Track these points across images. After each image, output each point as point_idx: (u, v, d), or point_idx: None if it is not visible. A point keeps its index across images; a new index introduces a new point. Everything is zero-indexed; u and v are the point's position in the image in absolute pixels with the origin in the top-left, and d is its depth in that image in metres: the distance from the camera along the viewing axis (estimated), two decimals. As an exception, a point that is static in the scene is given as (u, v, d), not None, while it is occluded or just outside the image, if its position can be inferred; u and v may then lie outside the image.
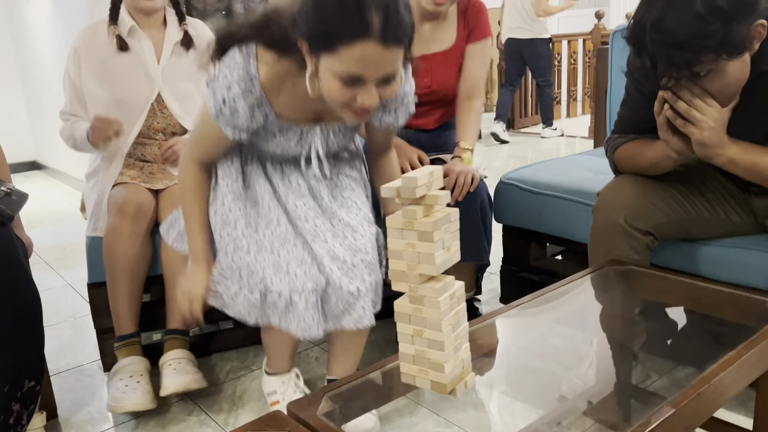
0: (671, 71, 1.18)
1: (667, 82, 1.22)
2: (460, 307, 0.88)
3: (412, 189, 0.79)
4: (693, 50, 1.13)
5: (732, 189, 1.47)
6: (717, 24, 1.10)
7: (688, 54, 1.14)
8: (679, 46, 1.13)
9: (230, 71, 1.25)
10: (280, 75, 1.27)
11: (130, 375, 1.63)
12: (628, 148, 1.49)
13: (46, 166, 5.30)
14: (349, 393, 1.01)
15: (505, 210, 2.01)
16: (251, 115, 1.29)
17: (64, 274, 2.79)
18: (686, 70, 1.17)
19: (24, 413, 1.32)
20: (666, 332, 1.30)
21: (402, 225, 0.82)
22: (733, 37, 1.12)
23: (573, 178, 1.91)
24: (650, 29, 1.15)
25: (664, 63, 1.16)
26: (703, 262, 1.48)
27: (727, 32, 1.11)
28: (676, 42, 1.13)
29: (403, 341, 0.88)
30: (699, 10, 1.10)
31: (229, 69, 1.26)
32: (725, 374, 0.97)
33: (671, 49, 1.14)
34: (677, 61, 1.15)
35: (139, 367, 1.65)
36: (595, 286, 1.40)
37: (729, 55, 1.15)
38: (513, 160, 4.80)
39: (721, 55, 1.14)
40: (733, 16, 1.11)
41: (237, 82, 1.25)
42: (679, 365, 1.15)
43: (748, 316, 1.24)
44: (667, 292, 1.35)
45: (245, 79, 1.25)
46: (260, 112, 1.30)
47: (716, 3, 1.10)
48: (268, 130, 1.36)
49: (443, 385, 0.86)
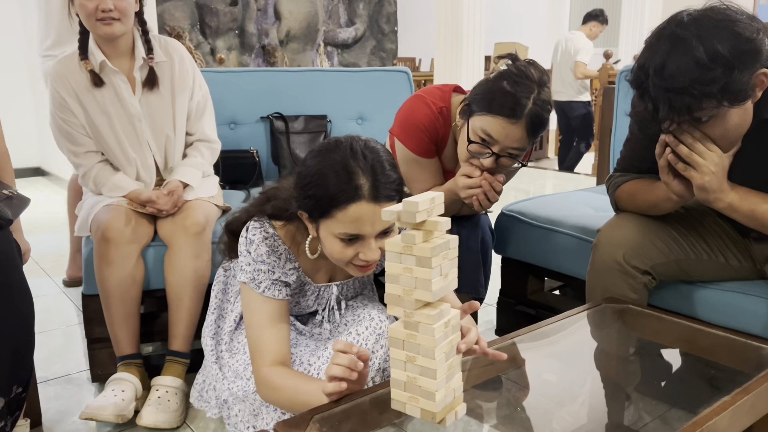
0: (673, 116, 1.19)
1: (669, 126, 1.23)
2: (455, 335, 0.88)
3: (413, 214, 0.79)
4: (694, 96, 1.14)
5: (732, 233, 1.47)
6: (718, 71, 1.12)
7: (690, 100, 1.15)
8: (681, 91, 1.14)
9: (250, 237, 1.28)
10: (291, 235, 1.31)
11: (113, 389, 1.62)
12: (629, 187, 1.49)
13: (50, 173, 5.32)
14: (338, 417, 0.99)
15: (505, 242, 2.01)
16: (285, 269, 1.29)
17: (59, 282, 2.78)
18: (687, 116, 1.18)
19: (9, 419, 1.31)
20: (660, 373, 1.29)
21: (401, 249, 0.82)
22: (735, 84, 1.13)
23: (574, 214, 1.91)
24: (653, 74, 1.17)
25: (666, 108, 1.17)
26: (700, 305, 1.48)
27: (728, 80, 1.12)
28: (678, 88, 1.14)
29: (395, 367, 0.87)
30: (701, 57, 1.12)
31: (250, 236, 1.28)
32: (718, 419, 0.96)
33: (673, 95, 1.15)
34: (679, 107, 1.16)
35: (128, 385, 1.64)
36: (592, 323, 1.39)
37: (730, 103, 1.16)
38: (515, 193, 4.81)
39: (723, 102, 1.15)
40: (735, 65, 1.12)
41: (260, 241, 1.27)
42: (672, 408, 1.14)
43: (744, 362, 1.23)
44: (663, 333, 1.35)
45: (267, 238, 1.28)
46: (291, 267, 1.31)
47: (718, 50, 1.11)
48: (296, 289, 1.37)
49: (433, 414, 0.86)
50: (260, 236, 1.27)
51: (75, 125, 1.81)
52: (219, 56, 4.86)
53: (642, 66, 1.20)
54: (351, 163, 1.13)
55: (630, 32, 7.01)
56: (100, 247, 1.66)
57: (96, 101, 1.80)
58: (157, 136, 1.87)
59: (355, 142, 1.17)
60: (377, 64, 8.79)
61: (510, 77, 1.50)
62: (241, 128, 2.45)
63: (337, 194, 1.12)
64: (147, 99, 1.84)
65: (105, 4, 1.70)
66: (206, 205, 1.83)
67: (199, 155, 1.94)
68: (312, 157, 1.18)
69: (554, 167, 5.81)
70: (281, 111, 2.46)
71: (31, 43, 5.06)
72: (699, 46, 1.12)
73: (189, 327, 1.73)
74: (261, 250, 1.27)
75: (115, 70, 1.80)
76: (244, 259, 1.28)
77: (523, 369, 1.26)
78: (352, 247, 1.17)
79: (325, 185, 1.13)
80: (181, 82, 1.88)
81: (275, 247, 1.28)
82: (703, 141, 1.24)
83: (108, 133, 1.82)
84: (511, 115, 1.48)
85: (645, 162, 1.45)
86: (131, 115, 1.82)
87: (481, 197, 1.57)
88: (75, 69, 1.80)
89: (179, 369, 1.71)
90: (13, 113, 5.26)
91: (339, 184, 1.12)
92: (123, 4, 1.73)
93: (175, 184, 1.82)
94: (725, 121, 1.21)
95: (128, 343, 1.71)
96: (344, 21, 7.17)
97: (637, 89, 1.23)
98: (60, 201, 4.50)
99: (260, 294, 1.26)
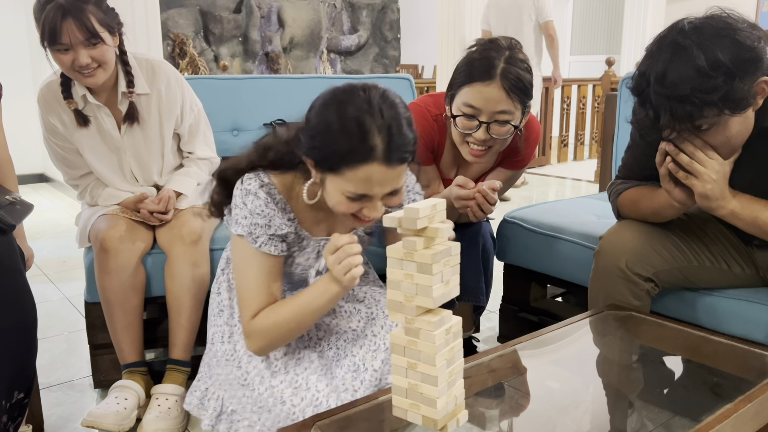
0: (674, 124, 1.19)
1: (669, 134, 1.23)
2: (456, 342, 0.88)
3: (414, 220, 0.79)
4: (695, 104, 1.14)
5: (734, 241, 1.47)
6: (720, 80, 1.12)
7: (691, 108, 1.15)
8: (682, 99, 1.14)
9: (246, 187, 1.22)
10: (287, 186, 1.26)
11: (116, 396, 1.62)
12: (630, 194, 1.49)
13: (53, 179, 5.34)
14: (340, 423, 0.99)
15: (507, 248, 2.01)
16: (282, 221, 1.24)
17: (63, 288, 2.79)
18: (689, 124, 1.18)
19: (11, 425, 1.31)
20: (663, 381, 1.28)
21: (402, 255, 0.82)
22: (736, 93, 1.13)
23: (576, 221, 1.91)
24: (654, 82, 1.17)
25: (667, 116, 1.17)
26: (703, 312, 1.47)
27: (729, 88, 1.12)
28: (679, 96, 1.14)
29: (397, 373, 0.87)
30: (702, 65, 1.12)
31: (244, 187, 1.22)
32: (721, 427, 0.95)
33: (674, 103, 1.15)
34: (680, 115, 1.16)
35: (131, 393, 1.64)
36: (594, 330, 1.39)
37: (731, 111, 1.16)
38: (517, 200, 4.81)
39: (724, 110, 1.15)
40: (736, 73, 1.12)
41: (257, 190, 1.21)
42: (675, 415, 1.14)
43: (747, 370, 1.22)
44: (665, 340, 1.34)
45: (263, 186, 1.22)
46: (287, 219, 1.25)
47: (719, 59, 1.12)
48: (293, 244, 1.31)
49: (434, 421, 0.85)
50: (256, 184, 1.21)
51: (69, 150, 1.81)
52: (222, 63, 4.88)
53: (643, 73, 1.20)
54: (367, 119, 1.06)
55: (632, 39, 7.02)
56: (100, 257, 1.67)
57: (82, 136, 1.79)
58: (143, 169, 1.86)
59: (372, 93, 1.09)
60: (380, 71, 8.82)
61: (478, 48, 1.51)
62: (244, 135, 2.45)
63: (349, 153, 1.06)
64: (131, 133, 1.81)
65: (81, 60, 1.60)
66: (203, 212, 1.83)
67: (195, 166, 1.94)
68: (323, 104, 1.11)
69: (557, 174, 5.80)
70: (284, 118, 2.46)
71: (35, 47, 5.10)
72: (700, 55, 1.13)
73: (189, 335, 1.73)
74: (258, 201, 1.21)
75: (98, 104, 1.75)
76: (240, 211, 1.22)
77: (526, 376, 1.25)
78: (357, 203, 1.13)
79: (336, 141, 1.07)
80: (168, 110, 1.84)
81: (272, 196, 1.22)
82: (703, 149, 1.24)
83: (95, 164, 1.82)
84: (485, 77, 1.46)
85: (647, 169, 1.45)
86: (117, 148, 1.82)
87: (474, 209, 1.55)
88: (61, 99, 1.74)
89: (180, 378, 1.71)
90: (17, 119, 5.28)
91: (352, 143, 1.06)
92: (100, 53, 1.63)
93: (166, 193, 1.82)
94: (726, 129, 1.21)
95: (132, 351, 1.71)
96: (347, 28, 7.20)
97: (638, 97, 1.24)
98: (63, 207, 4.51)
99: (256, 248, 1.22)
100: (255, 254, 1.23)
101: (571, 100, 6.50)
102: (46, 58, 1.65)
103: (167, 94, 1.83)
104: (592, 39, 9.06)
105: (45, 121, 1.78)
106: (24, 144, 5.25)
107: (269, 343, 1.23)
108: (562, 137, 6.58)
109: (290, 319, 1.19)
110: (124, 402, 1.60)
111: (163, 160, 1.89)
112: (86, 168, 1.84)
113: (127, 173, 1.86)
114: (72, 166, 1.84)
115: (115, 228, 1.69)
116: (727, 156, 1.26)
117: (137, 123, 1.79)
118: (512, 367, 1.23)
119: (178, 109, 1.86)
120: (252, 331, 1.22)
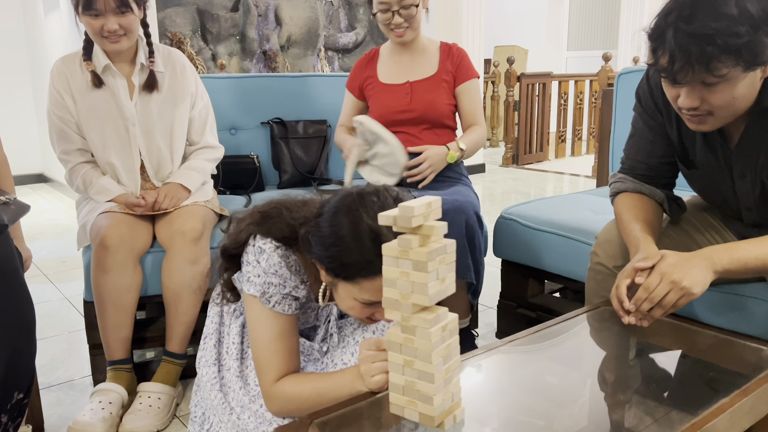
0: (686, 70, 1.15)
1: (682, 78, 1.18)
2: (453, 339, 0.88)
3: (409, 218, 0.80)
4: (716, 46, 1.10)
5: (729, 237, 1.47)
6: (745, 27, 1.09)
7: (711, 49, 1.11)
8: (703, 39, 1.11)
9: (260, 245, 1.19)
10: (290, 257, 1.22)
11: (100, 401, 1.62)
12: (620, 204, 1.47)
13: (52, 180, 5.33)
14: (337, 421, 1.00)
15: (505, 245, 2.01)
16: (296, 282, 1.21)
17: (62, 288, 2.79)
18: (702, 69, 1.14)
19: (10, 426, 1.31)
20: (660, 375, 1.29)
21: (397, 253, 0.83)
22: (756, 45, 1.11)
23: (573, 217, 1.91)
24: (676, 19, 1.13)
25: (683, 58, 1.13)
26: (700, 307, 1.48)
27: (752, 38, 1.10)
28: (702, 34, 1.11)
29: (394, 371, 0.88)
30: (730, 10, 1.10)
31: (257, 245, 1.19)
32: (717, 421, 0.96)
33: (694, 42, 1.11)
34: (697, 56, 1.12)
35: (114, 396, 1.65)
36: (591, 326, 1.39)
37: (746, 64, 1.13)
38: (515, 196, 4.81)
39: (740, 61, 1.12)
40: (761, 26, 1.11)
41: (271, 251, 1.18)
42: (671, 410, 1.14)
43: (744, 364, 1.23)
44: (662, 335, 1.35)
45: (278, 248, 1.19)
46: (300, 281, 1.22)
47: (747, 8, 1.10)
48: (305, 304, 1.30)
49: (431, 418, 0.86)
50: (271, 245, 1.18)
51: (68, 122, 1.83)
52: (220, 62, 4.87)
53: (667, 12, 1.16)
54: (382, 229, 1.03)
55: (629, 34, 7.01)
56: (98, 254, 1.67)
57: (91, 102, 1.82)
58: (148, 141, 1.87)
59: (385, 200, 1.07)
60: (378, 68, 8.79)
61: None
62: (242, 133, 2.46)
63: (366, 264, 1.04)
64: (143, 104, 1.85)
65: (110, 26, 1.73)
66: (204, 210, 1.84)
67: (203, 159, 1.96)
68: (335, 212, 1.08)
69: (554, 169, 5.80)
70: (281, 116, 2.46)
71: (33, 47, 5.09)
72: (730, 1, 1.11)
73: (186, 329, 1.74)
74: (273, 260, 1.17)
75: (117, 72, 1.83)
76: (253, 270, 1.18)
77: (524, 371, 1.26)
78: (369, 308, 1.12)
79: (351, 252, 1.05)
80: (182, 91, 1.90)
81: (286, 258, 1.19)
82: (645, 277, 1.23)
83: (94, 135, 1.83)
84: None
85: (651, 157, 1.44)
86: (125, 118, 1.84)
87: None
88: (76, 68, 1.83)
89: (173, 370, 1.72)
90: (15, 120, 5.28)
91: (366, 255, 1.04)
92: (127, 22, 1.75)
93: (174, 187, 1.83)
94: (734, 87, 1.17)
95: (118, 348, 1.71)
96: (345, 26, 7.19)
97: (654, 40, 1.19)
98: (62, 207, 4.51)
99: (270, 309, 1.19)
100: (269, 316, 1.20)
101: (568, 96, 6.50)
102: (75, 22, 1.80)
103: (182, 77, 1.91)
104: (589, 34, 9.06)
105: (52, 91, 1.83)
106: (23, 144, 5.25)
107: (287, 412, 1.22)
108: (559, 133, 6.58)
109: (309, 399, 1.17)
110: (108, 407, 1.61)
111: (172, 139, 1.90)
112: (81, 144, 1.86)
113: (133, 146, 1.85)
114: (66, 139, 1.85)
115: (117, 226, 1.70)
116: (725, 120, 1.23)
117: (157, 91, 1.86)
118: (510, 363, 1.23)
119: (193, 90, 1.93)
120: (273, 396, 1.20)
